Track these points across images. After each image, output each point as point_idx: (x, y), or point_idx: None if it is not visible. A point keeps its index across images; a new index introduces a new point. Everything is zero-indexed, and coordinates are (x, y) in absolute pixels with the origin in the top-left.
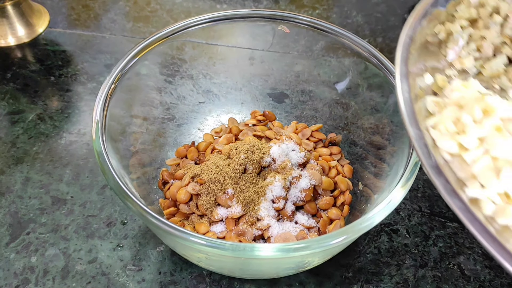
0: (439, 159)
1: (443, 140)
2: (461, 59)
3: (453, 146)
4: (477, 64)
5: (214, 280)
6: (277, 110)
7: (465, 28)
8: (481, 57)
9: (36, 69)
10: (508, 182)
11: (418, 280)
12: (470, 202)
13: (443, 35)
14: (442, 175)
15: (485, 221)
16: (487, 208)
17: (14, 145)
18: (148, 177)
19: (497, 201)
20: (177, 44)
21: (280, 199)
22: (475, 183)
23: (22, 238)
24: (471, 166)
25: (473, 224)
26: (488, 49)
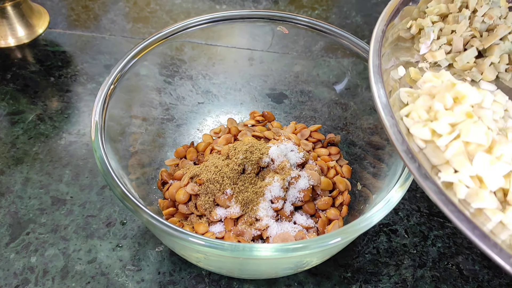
0: (413, 146)
1: (416, 127)
2: (432, 52)
3: (426, 132)
4: (448, 57)
5: (213, 280)
6: (276, 111)
7: (436, 23)
8: (452, 50)
9: (36, 69)
10: (480, 166)
11: (417, 280)
12: (444, 187)
13: (415, 30)
14: (415, 160)
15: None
16: (461, 192)
17: (14, 145)
18: (147, 177)
19: (471, 185)
20: (177, 44)
21: (279, 200)
22: (449, 168)
23: (22, 238)
24: (444, 152)
25: (447, 206)
26: (458, 43)
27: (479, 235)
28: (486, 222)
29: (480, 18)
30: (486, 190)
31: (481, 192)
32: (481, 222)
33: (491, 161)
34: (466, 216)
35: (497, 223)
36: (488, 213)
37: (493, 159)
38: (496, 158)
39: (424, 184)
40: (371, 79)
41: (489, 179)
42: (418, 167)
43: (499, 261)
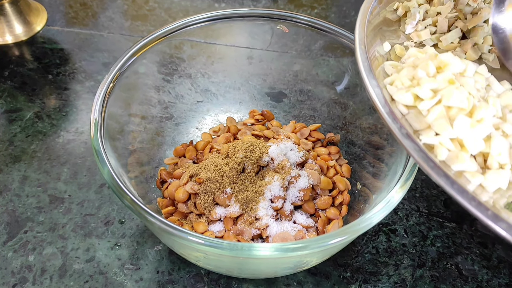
0: (396, 111)
1: (399, 93)
2: (418, 32)
3: (409, 97)
4: (433, 37)
5: (212, 279)
6: (275, 110)
7: (421, 5)
8: (437, 31)
9: (33, 67)
10: (461, 129)
11: (416, 280)
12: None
13: (401, 11)
14: (397, 121)
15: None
16: (442, 154)
17: (12, 143)
18: (146, 176)
19: (451, 147)
20: (176, 43)
21: (279, 199)
22: (430, 132)
23: (20, 237)
24: (425, 116)
25: (427, 163)
26: (443, 24)
27: (457, 189)
28: (466, 184)
29: (465, 0)
30: (467, 153)
31: (461, 155)
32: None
33: (471, 124)
34: (445, 172)
35: (476, 185)
36: (468, 175)
37: (473, 122)
38: (477, 121)
39: (405, 142)
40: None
41: (469, 142)
42: (400, 128)
43: (477, 213)
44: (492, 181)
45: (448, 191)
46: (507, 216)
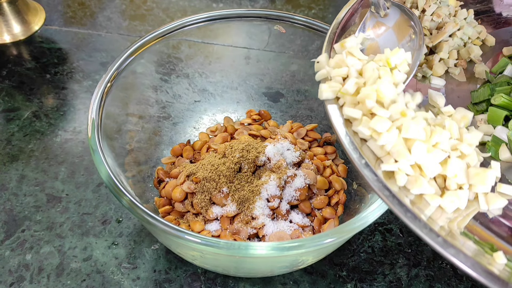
0: (357, 139)
1: (356, 124)
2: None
3: (366, 130)
4: None
5: (209, 278)
6: (272, 110)
7: None
8: None
9: (31, 66)
10: (418, 155)
11: (411, 279)
12: (385, 176)
13: None
14: (357, 151)
15: (400, 193)
16: (401, 180)
17: (9, 142)
18: (144, 175)
19: (410, 172)
20: (173, 42)
21: (275, 198)
22: (390, 159)
23: (17, 236)
24: (384, 146)
25: (383, 192)
26: None
27: (410, 217)
28: (426, 207)
29: (429, 17)
30: (425, 177)
31: (420, 179)
32: (420, 208)
33: (428, 149)
34: (400, 201)
35: (435, 207)
36: (427, 198)
37: (429, 147)
38: (433, 146)
39: (364, 171)
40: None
41: (427, 166)
42: (359, 157)
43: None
44: (450, 202)
45: (402, 219)
46: (462, 241)
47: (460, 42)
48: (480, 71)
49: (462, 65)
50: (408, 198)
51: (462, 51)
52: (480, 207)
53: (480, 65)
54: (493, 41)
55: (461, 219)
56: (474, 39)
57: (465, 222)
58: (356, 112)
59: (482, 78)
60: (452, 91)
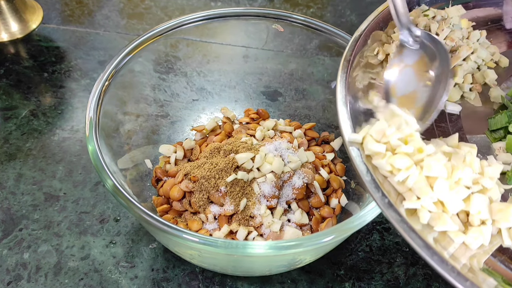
0: (378, 175)
1: (376, 159)
2: None
3: (387, 166)
4: None
5: (207, 277)
6: (270, 108)
7: None
8: None
9: (29, 65)
10: (440, 192)
11: (409, 278)
12: (408, 213)
13: (382, 56)
14: (379, 190)
15: (423, 231)
16: (424, 217)
17: (7, 141)
18: (142, 174)
19: (433, 209)
20: (171, 41)
21: (273, 197)
22: (412, 196)
23: (15, 235)
24: (405, 182)
25: (409, 234)
26: None
27: (437, 260)
28: (449, 244)
29: (443, 41)
30: (448, 214)
31: (443, 216)
32: (444, 246)
33: (450, 186)
34: (426, 243)
35: (459, 244)
36: (451, 235)
37: (452, 184)
38: (455, 182)
39: (387, 212)
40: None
41: (450, 203)
42: (382, 197)
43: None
44: (474, 239)
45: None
46: (482, 278)
47: (474, 65)
48: (496, 96)
49: (477, 89)
50: (431, 236)
51: (477, 75)
52: (504, 242)
53: (496, 89)
54: (507, 62)
55: (482, 254)
56: (488, 61)
57: (485, 257)
58: (380, 147)
59: (498, 102)
60: (468, 116)
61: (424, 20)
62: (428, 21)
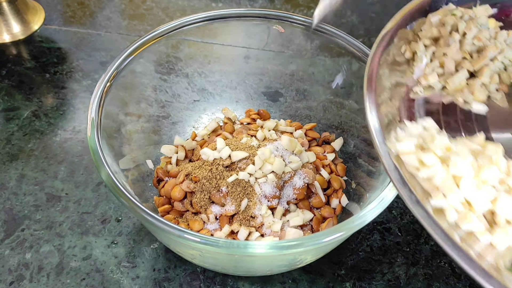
0: (405, 172)
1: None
2: (426, 75)
3: (415, 161)
4: (441, 79)
5: (208, 277)
6: (271, 109)
7: (428, 47)
8: (445, 72)
9: (31, 66)
10: (467, 190)
11: (410, 278)
12: (435, 212)
13: (409, 54)
14: (406, 186)
15: (450, 229)
16: (451, 216)
17: (9, 142)
18: (143, 174)
19: (460, 208)
20: (173, 42)
21: (274, 197)
22: (439, 194)
23: (17, 235)
24: (432, 179)
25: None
26: (450, 65)
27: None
28: (476, 243)
29: (470, 40)
30: (475, 213)
31: (469, 215)
32: (470, 244)
33: (477, 185)
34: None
35: (486, 244)
36: (477, 234)
37: (479, 183)
38: (482, 182)
39: (415, 210)
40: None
41: (476, 202)
42: (410, 194)
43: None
44: (501, 239)
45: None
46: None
47: (501, 65)
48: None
49: (503, 89)
50: (458, 234)
51: (504, 76)
52: None
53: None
54: None
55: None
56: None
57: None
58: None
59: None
60: (494, 117)
61: (451, 19)
62: (456, 20)
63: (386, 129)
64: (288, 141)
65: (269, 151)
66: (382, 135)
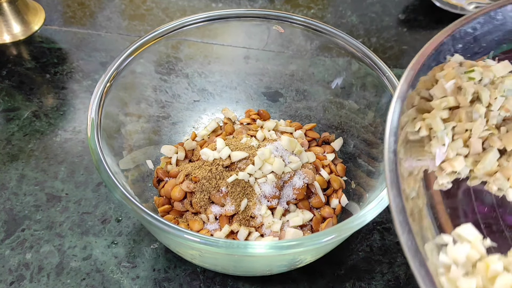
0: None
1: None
2: (450, 161)
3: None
4: (468, 163)
5: (208, 277)
6: (271, 109)
7: (447, 122)
8: (470, 153)
9: (31, 66)
10: None
11: (409, 278)
12: None
13: (425, 132)
14: None
15: None
16: None
17: (9, 142)
18: (143, 175)
19: None
20: (173, 42)
21: (274, 198)
22: None
23: (17, 235)
24: None
25: None
26: (477, 145)
27: None
28: None
29: (497, 112)
30: None
31: None
32: None
33: None
34: None
35: None
36: None
37: None
38: None
39: None
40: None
41: None
42: None
43: None
44: None
45: None
46: None
47: None
48: None
49: None
50: None
51: None
52: None
53: None
54: None
55: None
56: None
57: None
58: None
59: None
60: None
61: (471, 87)
62: (477, 87)
63: (422, 248)
64: (288, 141)
65: (268, 151)
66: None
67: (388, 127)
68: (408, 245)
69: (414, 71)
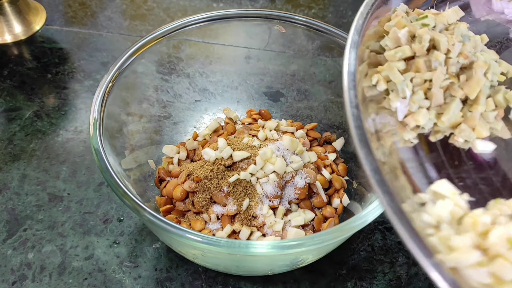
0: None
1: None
2: (413, 115)
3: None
4: (432, 116)
5: (210, 277)
6: (272, 109)
7: (405, 73)
8: (432, 105)
9: (32, 66)
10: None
11: (411, 278)
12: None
13: (383, 86)
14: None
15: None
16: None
17: (11, 142)
18: (145, 174)
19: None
20: (174, 42)
21: (275, 197)
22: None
23: (19, 235)
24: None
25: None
26: (439, 96)
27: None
28: None
29: (455, 59)
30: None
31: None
32: None
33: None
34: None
35: None
36: None
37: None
38: None
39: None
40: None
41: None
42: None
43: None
44: None
45: None
46: None
47: (488, 85)
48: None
49: (500, 115)
50: None
51: (498, 98)
52: None
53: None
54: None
55: None
56: (498, 75)
57: None
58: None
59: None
60: (502, 155)
61: (426, 33)
62: (433, 34)
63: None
64: (289, 141)
65: (270, 151)
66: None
67: (345, 81)
68: (391, 207)
69: (362, 20)
